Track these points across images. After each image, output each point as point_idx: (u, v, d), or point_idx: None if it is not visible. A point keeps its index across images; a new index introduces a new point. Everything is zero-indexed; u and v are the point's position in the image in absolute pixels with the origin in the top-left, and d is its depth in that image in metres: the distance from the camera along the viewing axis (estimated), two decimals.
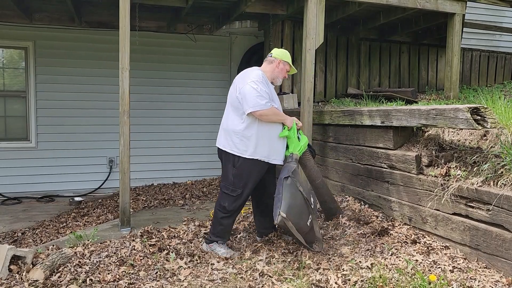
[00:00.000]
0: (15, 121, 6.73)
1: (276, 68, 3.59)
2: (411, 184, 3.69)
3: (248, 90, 3.32)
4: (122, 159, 4.13)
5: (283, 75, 3.64)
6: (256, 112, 3.31)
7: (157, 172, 7.19)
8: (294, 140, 3.56)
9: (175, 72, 7.25)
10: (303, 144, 3.61)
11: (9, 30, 6.45)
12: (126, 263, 3.22)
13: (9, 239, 4.64)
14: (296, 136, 3.58)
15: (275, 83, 3.65)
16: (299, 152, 3.58)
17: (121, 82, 4.08)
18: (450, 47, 5.62)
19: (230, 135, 3.43)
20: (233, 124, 3.41)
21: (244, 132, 3.36)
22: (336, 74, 7.06)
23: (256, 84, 3.33)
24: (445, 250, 3.25)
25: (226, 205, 3.46)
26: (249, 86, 3.32)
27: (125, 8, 4.06)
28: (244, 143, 3.37)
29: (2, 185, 6.51)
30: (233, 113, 3.44)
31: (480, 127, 3.06)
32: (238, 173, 3.41)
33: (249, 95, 3.30)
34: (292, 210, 3.19)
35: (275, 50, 3.68)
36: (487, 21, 8.31)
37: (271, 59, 3.62)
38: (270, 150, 3.44)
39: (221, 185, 3.55)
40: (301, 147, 3.60)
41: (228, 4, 5.92)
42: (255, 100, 3.28)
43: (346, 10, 5.79)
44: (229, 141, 3.43)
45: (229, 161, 3.45)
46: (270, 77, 3.58)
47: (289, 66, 3.65)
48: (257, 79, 3.37)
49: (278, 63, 3.59)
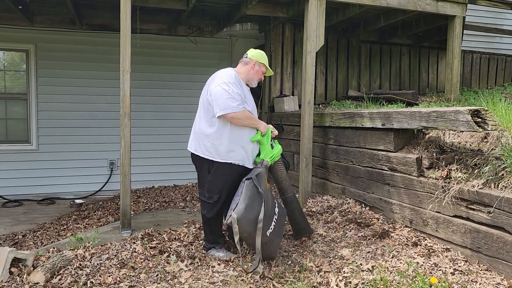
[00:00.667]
0: (16, 124, 6.74)
1: (251, 70, 3.45)
2: (412, 187, 3.69)
3: (219, 92, 3.18)
4: (123, 161, 4.13)
5: (259, 77, 3.50)
6: (228, 115, 3.17)
7: (158, 174, 7.19)
8: (266, 147, 3.43)
9: (176, 74, 7.26)
10: (276, 152, 3.47)
11: (11, 32, 6.47)
12: (126, 265, 3.22)
13: (9, 241, 4.64)
14: (269, 143, 3.46)
15: (249, 85, 3.51)
16: (271, 160, 3.43)
17: (122, 84, 4.09)
18: (450, 49, 5.63)
19: (201, 139, 3.32)
20: (204, 127, 3.30)
21: (215, 136, 3.25)
22: (337, 76, 7.07)
23: (227, 85, 3.19)
24: (446, 253, 3.25)
25: (205, 213, 3.41)
26: (220, 87, 3.18)
27: (126, 11, 4.07)
28: (215, 147, 3.26)
29: (3, 188, 6.51)
30: (204, 116, 3.33)
31: (481, 130, 3.06)
32: (213, 179, 3.31)
33: (220, 97, 3.16)
34: (247, 213, 3.00)
35: (251, 50, 3.55)
36: (488, 23, 8.32)
37: (246, 60, 3.48)
38: (244, 154, 3.33)
39: (199, 192, 3.49)
40: (274, 156, 3.45)
41: (229, 7, 5.94)
42: (226, 102, 3.14)
43: (347, 12, 5.80)
44: (201, 145, 3.33)
45: (204, 167, 3.37)
46: (244, 78, 3.45)
47: (265, 68, 3.52)
48: (229, 80, 3.24)
49: (254, 65, 3.45)
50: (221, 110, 3.16)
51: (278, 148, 3.52)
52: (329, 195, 4.83)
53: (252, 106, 3.44)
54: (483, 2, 6.47)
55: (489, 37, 8.64)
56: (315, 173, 5.16)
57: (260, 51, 3.57)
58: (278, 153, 3.51)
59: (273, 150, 3.47)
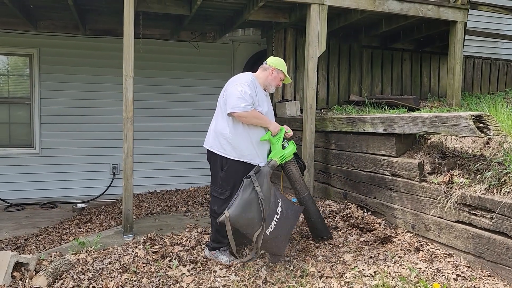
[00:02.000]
0: (19, 128, 6.77)
1: (269, 76, 3.60)
2: (414, 192, 3.69)
3: (232, 92, 3.36)
4: (126, 165, 4.15)
5: (276, 83, 3.64)
6: (234, 114, 3.32)
7: (160, 178, 7.20)
8: (276, 147, 3.48)
9: (178, 79, 7.29)
10: (287, 152, 3.49)
11: (14, 37, 6.51)
12: (129, 270, 3.22)
13: (12, 245, 4.65)
14: (280, 143, 3.50)
15: (268, 90, 3.66)
16: (280, 160, 3.46)
17: (125, 89, 4.11)
18: (452, 54, 5.64)
19: (218, 137, 3.46)
20: (221, 126, 3.45)
21: (230, 134, 3.39)
22: (339, 81, 7.08)
23: (241, 86, 3.36)
24: (448, 258, 3.24)
25: (215, 209, 3.47)
26: (235, 88, 3.37)
27: (129, 16, 4.10)
28: (230, 145, 3.40)
29: (6, 192, 6.53)
30: (221, 114, 3.49)
31: (483, 135, 3.06)
32: (226, 175, 3.43)
33: (232, 96, 3.34)
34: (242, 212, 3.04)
35: (271, 58, 3.69)
36: (489, 28, 8.34)
37: (265, 66, 3.64)
38: (255, 153, 3.45)
39: (211, 188, 3.59)
40: (284, 156, 3.47)
41: (231, 12, 5.97)
42: (235, 101, 3.31)
43: (348, 18, 5.83)
44: (216, 142, 3.47)
45: (217, 163, 3.48)
46: (262, 83, 3.60)
47: (283, 75, 3.65)
48: (244, 82, 3.40)
49: (272, 71, 3.60)
50: (230, 109, 3.32)
51: (290, 149, 3.53)
52: (331, 200, 4.83)
53: (267, 108, 3.57)
54: (484, 8, 6.48)
55: (491, 42, 8.66)
56: (317, 178, 5.17)
57: (280, 59, 3.70)
58: (289, 154, 3.51)
59: (284, 150, 3.49)
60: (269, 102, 3.68)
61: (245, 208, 3.06)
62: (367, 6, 5.10)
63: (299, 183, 3.67)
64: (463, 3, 5.58)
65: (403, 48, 7.36)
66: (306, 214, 3.73)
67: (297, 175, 3.65)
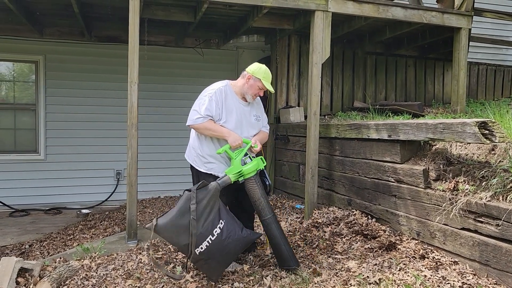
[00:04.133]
0: (25, 134, 6.81)
1: (245, 84, 3.38)
2: (419, 198, 3.67)
3: (194, 104, 3.37)
4: (130, 172, 4.16)
5: (253, 91, 3.37)
6: (189, 126, 3.37)
7: (164, 184, 7.20)
8: (234, 162, 3.22)
9: (182, 85, 7.32)
10: (245, 169, 3.19)
11: (21, 44, 6.57)
12: (132, 276, 3.22)
13: (16, 251, 4.66)
14: (239, 158, 3.22)
15: (247, 99, 3.44)
16: (235, 177, 3.17)
17: (129, 95, 4.13)
18: (456, 61, 5.63)
19: (190, 149, 3.53)
20: (192, 138, 3.51)
21: (198, 147, 3.42)
22: (342, 87, 7.08)
23: (201, 98, 3.33)
24: (454, 266, 3.22)
25: None
26: (197, 100, 3.36)
27: (135, 23, 4.14)
28: (199, 158, 3.42)
29: (11, 197, 6.56)
30: None
31: (488, 142, 3.05)
32: None
33: (192, 108, 3.36)
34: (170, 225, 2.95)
35: (252, 64, 3.46)
36: (494, 35, 8.33)
37: (243, 73, 3.45)
38: (223, 166, 3.34)
39: None
40: (241, 172, 3.18)
41: (236, 19, 6.00)
42: (190, 114, 3.33)
43: (352, 24, 5.84)
44: (190, 154, 3.53)
45: (194, 175, 3.52)
46: (239, 92, 3.43)
47: (261, 83, 3.36)
48: (208, 93, 3.33)
49: (248, 79, 3.37)
50: (187, 121, 3.36)
51: (251, 165, 3.22)
52: (335, 207, 4.81)
53: (235, 120, 3.36)
54: (488, 14, 6.48)
55: (496, 49, 8.65)
56: (321, 184, 5.15)
57: (260, 66, 3.45)
58: (249, 171, 3.21)
59: (243, 167, 3.20)
60: (245, 112, 3.43)
61: (175, 221, 2.94)
62: (371, 13, 5.11)
63: (259, 203, 3.29)
64: (467, 10, 5.58)
65: (407, 55, 7.36)
66: (270, 239, 3.35)
67: (257, 196, 3.28)
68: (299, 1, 4.77)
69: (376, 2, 5.16)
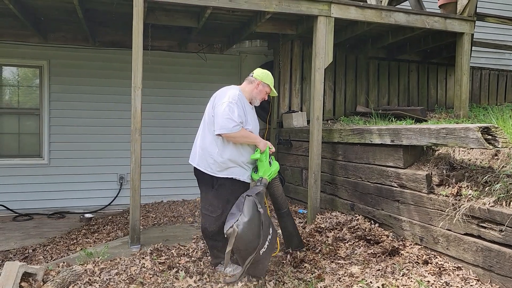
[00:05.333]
0: (29, 138, 6.84)
1: (255, 89, 3.53)
2: (422, 204, 3.66)
3: (220, 111, 3.28)
4: (133, 176, 4.17)
5: (262, 96, 3.58)
6: (223, 135, 3.29)
7: (167, 189, 7.22)
8: (265, 164, 3.45)
9: (186, 90, 7.35)
10: (273, 169, 3.50)
11: (25, 49, 6.62)
12: (135, 281, 3.22)
13: (20, 255, 4.67)
14: (267, 160, 3.48)
15: (253, 104, 3.60)
16: (269, 177, 3.46)
17: (133, 100, 4.15)
18: (459, 66, 5.64)
19: (204, 155, 3.41)
20: (209, 145, 3.38)
21: (219, 154, 3.33)
22: (345, 92, 7.09)
23: (229, 106, 3.27)
24: (457, 271, 3.21)
25: (207, 226, 3.43)
26: (222, 107, 3.28)
27: (138, 28, 4.16)
28: (218, 164, 3.35)
29: (14, 201, 6.58)
30: (209, 132, 3.41)
31: (491, 147, 3.05)
32: (217, 193, 3.38)
33: (221, 116, 3.26)
34: (247, 230, 3.05)
35: (257, 70, 3.63)
36: (497, 40, 8.33)
37: (251, 79, 3.57)
38: (244, 170, 3.43)
39: (201, 206, 3.53)
40: (272, 173, 3.48)
41: (239, 24, 6.03)
42: (223, 122, 3.24)
43: (355, 29, 5.86)
44: (203, 160, 3.42)
45: (207, 181, 3.43)
46: (248, 97, 3.54)
47: (269, 88, 3.59)
48: (232, 99, 3.31)
49: (258, 84, 3.54)
50: (218, 129, 3.28)
51: (276, 165, 3.53)
52: (338, 211, 4.80)
53: (253, 125, 3.50)
54: (491, 19, 6.49)
55: (499, 53, 8.65)
56: (324, 189, 5.15)
57: (266, 72, 3.62)
58: (276, 171, 3.53)
59: (271, 168, 3.49)
60: (255, 115, 3.62)
61: (249, 226, 3.06)
62: (374, 18, 5.13)
63: (281, 198, 3.69)
64: (470, 15, 5.59)
65: (410, 59, 7.37)
66: (285, 227, 3.78)
67: (280, 191, 3.68)
68: (302, 7, 4.79)
69: (379, 7, 5.18)
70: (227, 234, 3.08)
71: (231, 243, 3.03)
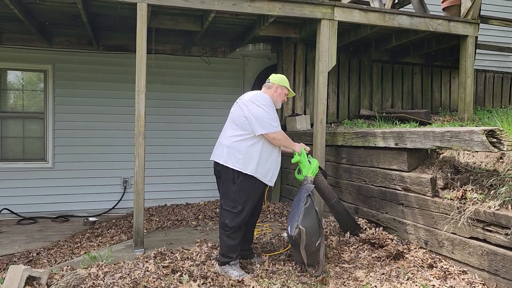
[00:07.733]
0: (33, 142, 6.87)
1: (274, 93, 3.74)
2: (427, 207, 3.64)
3: (261, 113, 3.47)
4: (137, 180, 4.17)
5: (282, 99, 3.81)
6: (269, 135, 3.46)
7: (170, 192, 7.23)
8: (306, 164, 3.72)
9: (189, 93, 7.37)
10: (314, 166, 3.74)
11: (30, 53, 6.66)
12: (139, 284, 3.22)
13: (24, 259, 4.68)
14: (306, 160, 3.74)
15: (276, 107, 3.78)
16: (312, 174, 3.72)
17: (137, 104, 4.16)
18: (463, 68, 5.62)
19: (233, 152, 3.49)
20: (239, 142, 3.49)
21: (248, 150, 3.45)
22: (349, 95, 7.09)
23: (268, 107, 3.51)
24: (462, 275, 3.19)
25: (227, 222, 3.48)
26: (262, 109, 3.48)
27: (142, 32, 4.18)
28: (246, 161, 3.45)
29: (19, 205, 6.61)
30: (237, 131, 3.53)
31: (496, 150, 3.03)
32: (239, 189, 3.46)
33: (262, 118, 3.45)
34: (307, 226, 3.33)
35: (273, 76, 3.83)
36: (501, 42, 8.31)
37: (269, 84, 3.78)
38: (268, 171, 3.54)
39: (221, 202, 3.58)
40: (313, 170, 3.73)
41: (242, 28, 6.04)
42: (268, 123, 3.45)
43: (358, 33, 5.85)
44: (231, 157, 3.49)
45: (229, 177, 3.50)
46: None
47: (287, 90, 3.81)
48: (267, 103, 3.55)
49: (276, 88, 3.75)
50: (264, 130, 3.45)
51: (315, 162, 3.78)
52: None
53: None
54: (495, 22, 6.47)
55: (503, 56, 8.62)
56: None
57: (281, 75, 3.85)
58: (317, 166, 3.78)
59: (312, 165, 3.74)
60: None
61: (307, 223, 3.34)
62: (377, 21, 5.13)
63: (328, 190, 3.98)
64: (474, 18, 5.57)
65: (414, 62, 7.35)
66: (338, 216, 4.15)
67: (325, 184, 3.96)
68: (305, 10, 4.79)
69: (382, 10, 5.18)
70: (295, 236, 3.30)
71: (303, 241, 3.29)
